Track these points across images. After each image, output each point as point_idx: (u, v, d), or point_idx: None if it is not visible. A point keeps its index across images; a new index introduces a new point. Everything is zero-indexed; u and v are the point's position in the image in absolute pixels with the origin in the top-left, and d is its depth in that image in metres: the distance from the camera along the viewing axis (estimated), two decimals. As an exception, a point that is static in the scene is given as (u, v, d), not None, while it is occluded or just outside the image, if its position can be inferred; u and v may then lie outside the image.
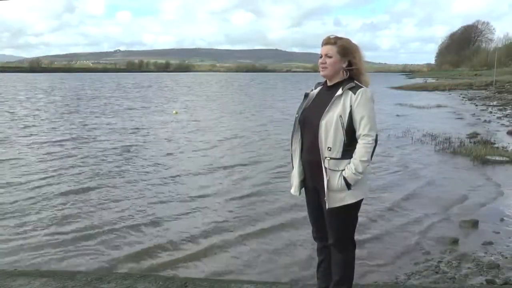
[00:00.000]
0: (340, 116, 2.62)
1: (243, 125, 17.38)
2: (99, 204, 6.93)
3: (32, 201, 7.05)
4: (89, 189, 7.79)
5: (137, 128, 15.92)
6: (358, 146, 2.64)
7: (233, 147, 12.50)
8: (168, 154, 11.22)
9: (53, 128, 15.89)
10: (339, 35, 2.77)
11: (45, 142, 12.60)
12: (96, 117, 19.65)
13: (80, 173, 8.92)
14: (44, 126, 16.42)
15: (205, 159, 10.70)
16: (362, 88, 2.66)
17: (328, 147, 2.64)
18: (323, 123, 2.65)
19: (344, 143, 2.64)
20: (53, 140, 13.06)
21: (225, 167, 9.72)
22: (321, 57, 2.77)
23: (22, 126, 16.27)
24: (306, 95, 2.87)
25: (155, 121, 18.34)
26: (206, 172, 9.32)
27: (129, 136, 14.04)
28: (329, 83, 2.81)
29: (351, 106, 2.63)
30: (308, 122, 2.75)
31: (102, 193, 7.55)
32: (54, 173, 8.91)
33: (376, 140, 2.65)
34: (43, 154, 10.89)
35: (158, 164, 10.00)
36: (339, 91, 2.67)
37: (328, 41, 2.76)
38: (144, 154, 11.07)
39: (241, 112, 22.69)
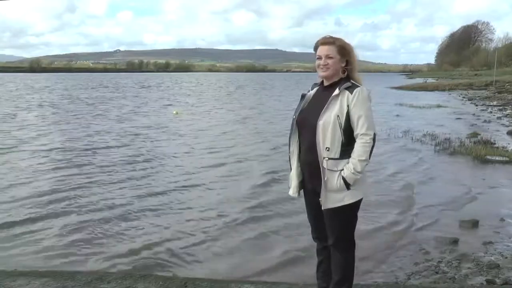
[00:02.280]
0: (338, 116, 2.62)
1: (243, 126, 17.38)
2: (99, 205, 6.92)
3: (32, 201, 7.05)
4: (88, 190, 7.79)
5: (138, 128, 15.93)
6: (356, 145, 2.64)
7: (235, 147, 12.50)
8: (170, 154, 11.21)
9: (54, 132, 15.90)
10: (335, 35, 2.76)
11: (47, 149, 12.57)
12: (95, 118, 19.65)
13: (79, 174, 8.92)
14: (48, 130, 16.41)
15: (206, 159, 10.70)
16: (358, 88, 2.66)
17: (326, 147, 2.64)
18: (320, 123, 2.64)
19: (342, 143, 2.64)
20: (53, 145, 13.05)
21: (226, 168, 9.73)
22: (319, 58, 2.75)
23: (30, 131, 16.25)
24: (303, 96, 2.87)
25: (155, 121, 18.32)
26: (207, 172, 9.31)
27: (129, 137, 14.03)
28: (325, 83, 2.80)
29: (348, 105, 2.63)
30: (305, 123, 2.75)
31: (102, 194, 7.54)
32: (54, 175, 8.91)
33: (374, 139, 2.65)
34: (45, 158, 10.88)
35: (160, 164, 10.01)
36: (336, 91, 2.67)
37: (326, 41, 2.74)
38: (144, 155, 11.06)
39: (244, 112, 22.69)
